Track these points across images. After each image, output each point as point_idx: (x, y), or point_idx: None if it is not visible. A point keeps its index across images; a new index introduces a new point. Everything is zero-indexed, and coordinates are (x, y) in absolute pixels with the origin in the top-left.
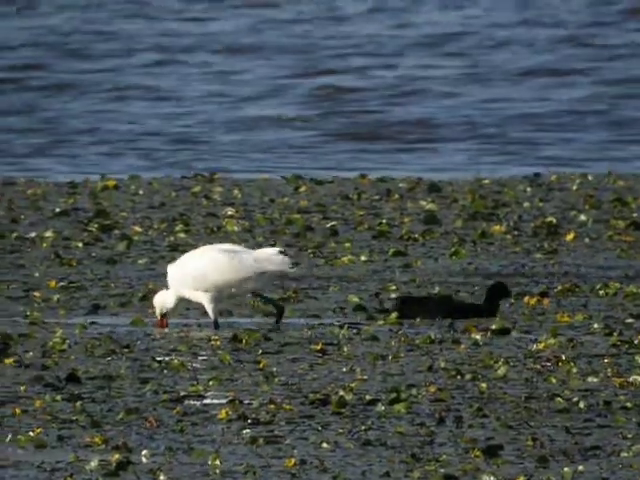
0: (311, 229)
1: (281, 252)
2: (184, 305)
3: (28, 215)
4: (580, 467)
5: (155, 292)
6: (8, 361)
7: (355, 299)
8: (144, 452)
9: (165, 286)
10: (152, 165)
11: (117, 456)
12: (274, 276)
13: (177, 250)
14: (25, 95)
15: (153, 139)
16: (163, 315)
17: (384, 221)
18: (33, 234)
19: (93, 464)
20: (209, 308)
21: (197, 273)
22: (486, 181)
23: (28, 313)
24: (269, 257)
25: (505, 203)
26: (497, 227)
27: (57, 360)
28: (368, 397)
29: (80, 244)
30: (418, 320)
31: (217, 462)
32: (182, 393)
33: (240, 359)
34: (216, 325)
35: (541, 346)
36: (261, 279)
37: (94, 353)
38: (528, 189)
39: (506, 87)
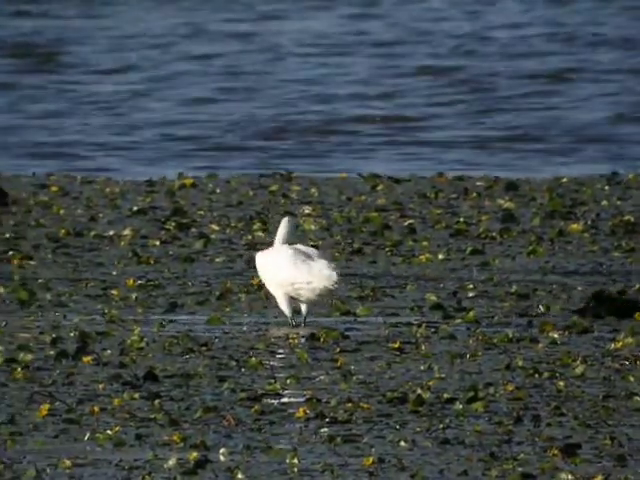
0: (388, 227)
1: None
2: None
3: (106, 213)
4: None
5: (231, 291)
6: (86, 359)
7: (433, 297)
8: (222, 450)
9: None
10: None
11: (195, 454)
12: (320, 290)
13: (255, 249)
14: None
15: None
16: None
17: (462, 219)
18: (111, 232)
19: (171, 462)
20: (280, 305)
21: (260, 269)
22: (564, 179)
23: (106, 311)
24: (318, 271)
25: (583, 202)
26: (575, 226)
27: (135, 358)
28: (446, 395)
29: (157, 242)
30: (609, 319)
31: (295, 461)
32: (260, 391)
33: (318, 357)
34: (292, 323)
35: (619, 345)
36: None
37: (172, 351)
38: (606, 187)
39: None
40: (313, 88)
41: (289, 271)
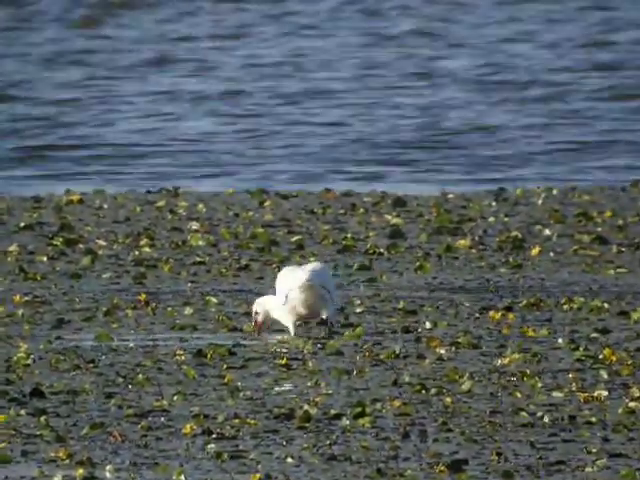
0: (276, 243)
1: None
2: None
3: None
4: None
5: (119, 307)
6: None
7: None
8: (108, 467)
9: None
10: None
11: (81, 471)
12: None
13: (142, 265)
14: None
15: None
16: (262, 322)
17: (349, 235)
18: None
19: (57, 479)
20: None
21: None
22: (451, 195)
23: None
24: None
25: (470, 218)
26: (462, 241)
27: (21, 375)
28: (333, 411)
29: (45, 258)
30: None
31: (182, 477)
32: (147, 408)
33: (205, 374)
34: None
35: (506, 361)
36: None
37: (58, 368)
38: (493, 203)
39: None
40: None
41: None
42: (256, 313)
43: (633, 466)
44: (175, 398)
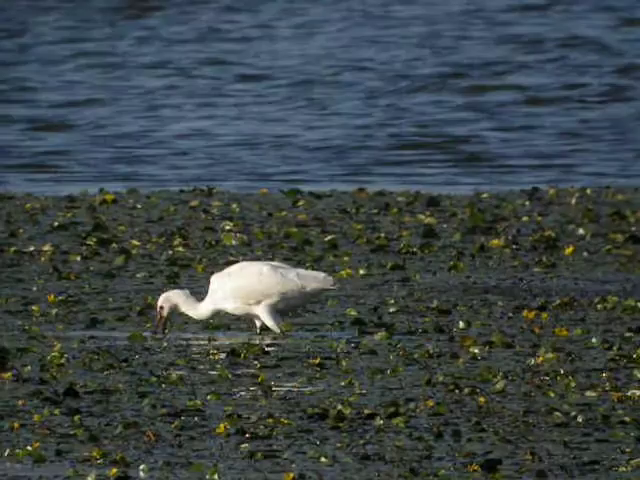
0: (309, 243)
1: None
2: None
3: (27, 229)
4: None
5: (152, 307)
6: (6, 375)
7: (353, 313)
8: (142, 466)
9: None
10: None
11: (115, 470)
12: (315, 294)
13: (175, 264)
14: None
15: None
16: (167, 318)
17: (382, 235)
18: (31, 248)
19: (91, 478)
20: (267, 319)
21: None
22: (485, 195)
23: (26, 327)
24: (312, 275)
25: (504, 217)
26: (496, 241)
27: (55, 374)
28: (366, 411)
29: (78, 258)
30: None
31: (215, 476)
32: (180, 407)
33: (238, 373)
34: (281, 332)
35: (539, 360)
36: (302, 296)
37: (92, 367)
38: (527, 203)
39: None
40: None
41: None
42: (161, 308)
43: None
44: (209, 397)
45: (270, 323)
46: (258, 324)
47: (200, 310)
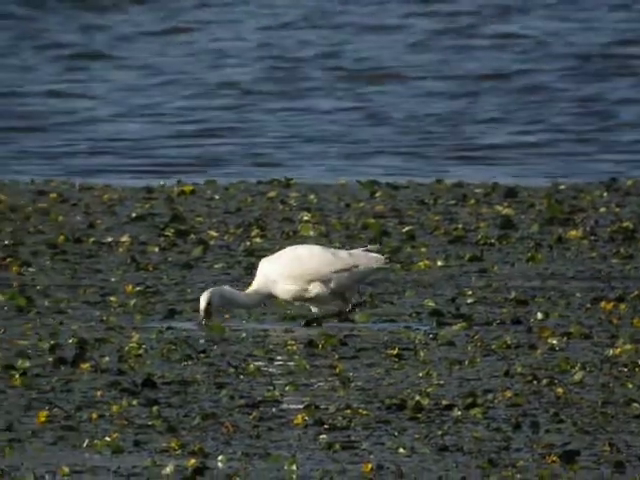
0: (387, 234)
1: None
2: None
3: (105, 220)
4: None
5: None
6: (84, 366)
7: (431, 304)
8: (220, 457)
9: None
10: None
11: (193, 461)
12: (368, 273)
13: (253, 255)
14: None
15: None
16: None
17: (460, 226)
18: (109, 239)
19: (169, 469)
20: (316, 300)
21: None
22: (562, 186)
23: (104, 318)
24: (364, 254)
25: (582, 208)
26: (574, 232)
27: (133, 365)
28: (444, 402)
29: (156, 249)
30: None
31: (293, 467)
32: (258, 398)
33: (316, 364)
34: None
35: (617, 351)
36: (356, 275)
37: (170, 358)
38: (605, 194)
39: None
40: None
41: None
42: (208, 304)
43: None
44: (287, 388)
45: (316, 306)
46: (314, 309)
47: (248, 298)
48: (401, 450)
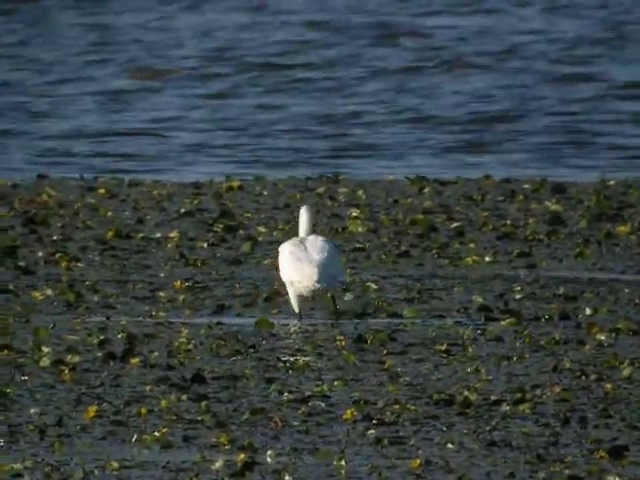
0: (435, 230)
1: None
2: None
3: (153, 216)
4: None
5: (279, 293)
6: (134, 361)
7: (479, 299)
8: (269, 452)
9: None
10: None
11: (242, 456)
12: (307, 288)
13: None
14: None
15: None
16: None
17: (508, 222)
18: (158, 234)
19: (218, 464)
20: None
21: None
22: (611, 182)
23: (154, 313)
24: (304, 269)
25: (630, 204)
26: (622, 228)
27: (182, 360)
28: (493, 397)
29: (205, 244)
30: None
31: (342, 463)
32: (307, 393)
33: (365, 359)
34: (299, 317)
35: None
36: None
37: (219, 353)
38: None
39: None
40: None
41: (285, 269)
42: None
43: None
44: (335, 384)
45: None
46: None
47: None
48: (449, 445)
